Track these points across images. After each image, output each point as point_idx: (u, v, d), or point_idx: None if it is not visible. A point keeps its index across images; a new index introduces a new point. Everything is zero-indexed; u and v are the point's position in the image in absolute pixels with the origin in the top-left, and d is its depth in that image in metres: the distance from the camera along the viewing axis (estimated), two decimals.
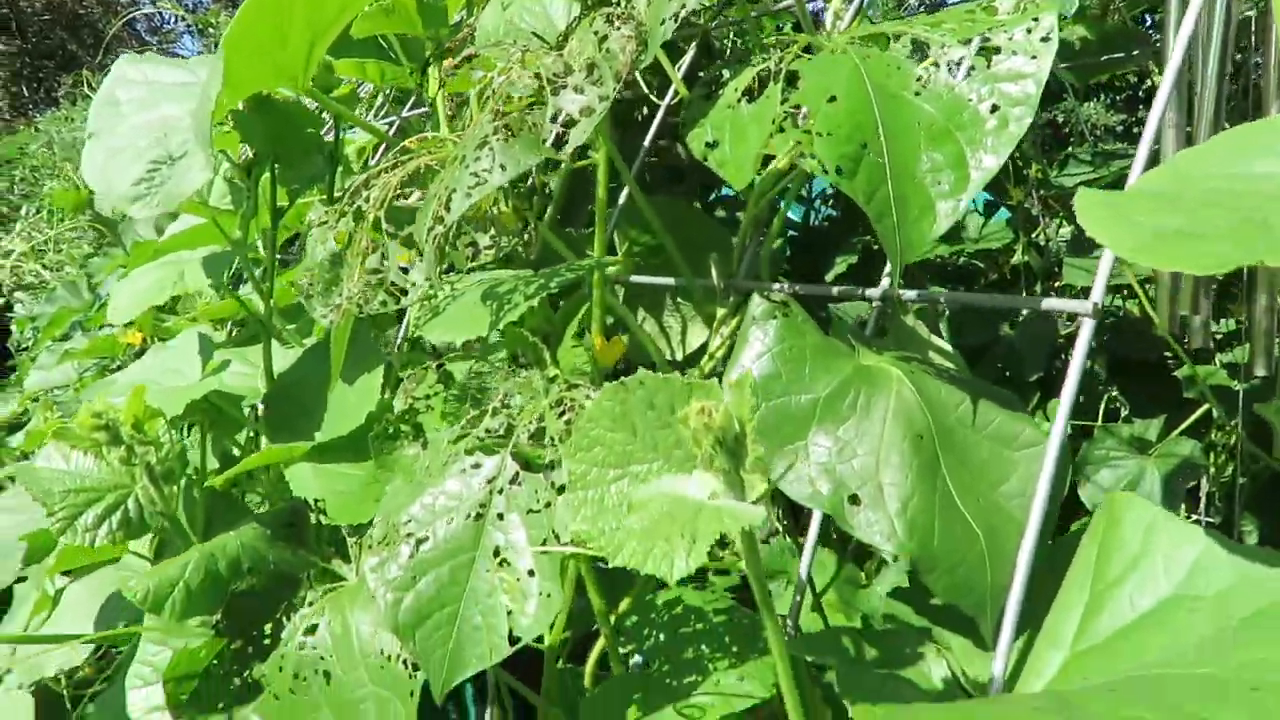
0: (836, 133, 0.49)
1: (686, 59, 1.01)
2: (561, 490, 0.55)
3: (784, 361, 0.58)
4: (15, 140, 4.65)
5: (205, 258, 0.95)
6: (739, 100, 0.56)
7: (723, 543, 0.47)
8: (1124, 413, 1.28)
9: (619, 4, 0.64)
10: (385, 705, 0.59)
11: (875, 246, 1.43)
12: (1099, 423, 1.25)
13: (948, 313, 1.34)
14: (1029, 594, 0.57)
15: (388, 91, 1.44)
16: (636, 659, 0.69)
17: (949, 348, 0.69)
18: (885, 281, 0.69)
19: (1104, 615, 0.55)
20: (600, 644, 0.78)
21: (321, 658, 0.62)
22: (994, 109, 0.50)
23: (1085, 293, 1.25)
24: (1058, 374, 1.37)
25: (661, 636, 0.68)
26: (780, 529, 0.92)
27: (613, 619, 0.71)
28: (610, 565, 0.43)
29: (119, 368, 1.79)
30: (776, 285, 0.68)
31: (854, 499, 0.54)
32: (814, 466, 0.56)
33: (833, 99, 0.50)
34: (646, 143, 0.93)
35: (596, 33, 0.58)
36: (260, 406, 0.97)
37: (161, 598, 0.57)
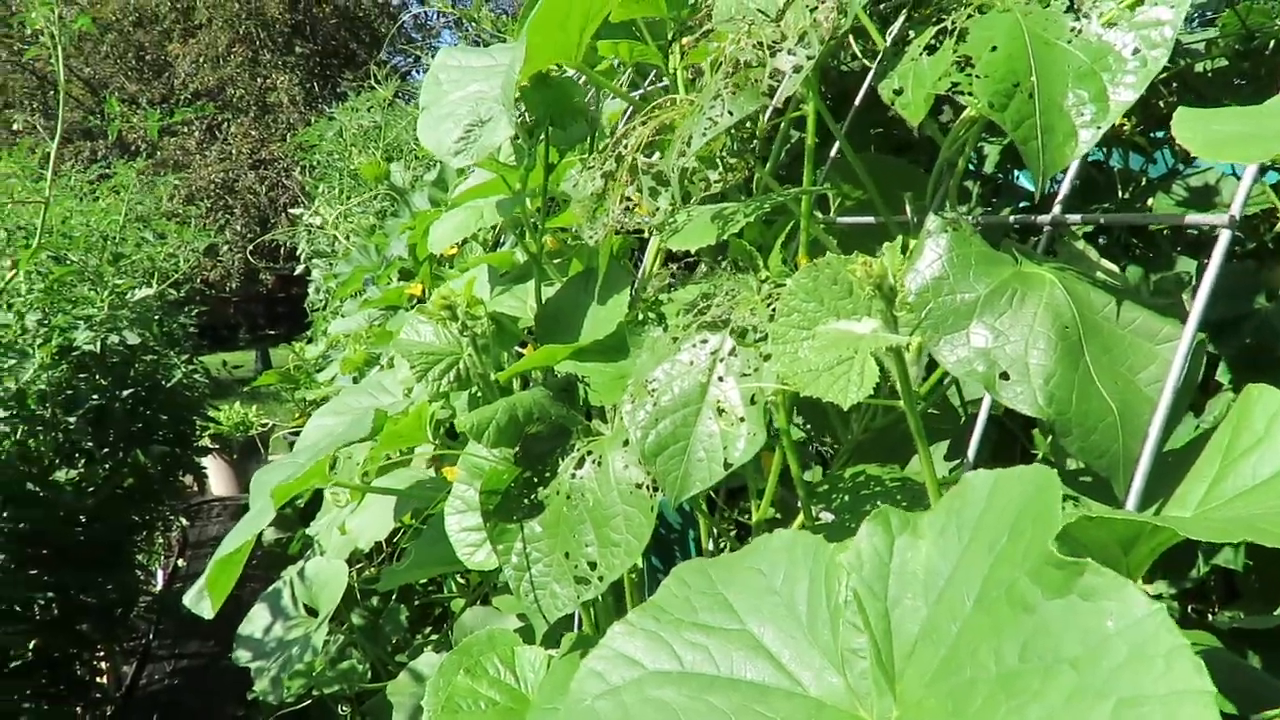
0: (993, 74, 0.62)
1: (896, 26, 1.14)
2: (768, 359, 0.72)
3: (952, 266, 0.71)
4: (314, 129, 5.42)
5: (498, 201, 1.21)
6: (920, 54, 0.70)
7: (883, 387, 0.62)
8: None
9: None
10: (632, 518, 0.79)
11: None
12: None
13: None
14: (1162, 471, 0.67)
15: (633, 68, 1.66)
16: (826, 516, 0.85)
17: (1114, 268, 0.79)
18: (1057, 209, 0.79)
19: (1228, 482, 0.64)
20: (797, 521, 0.94)
21: (586, 485, 0.83)
22: (1135, 51, 0.61)
23: None
24: None
25: (846, 498, 0.84)
26: None
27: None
28: (801, 395, 0.60)
29: (411, 306, 2.17)
30: (956, 213, 0.81)
31: (1004, 375, 0.67)
32: (973, 350, 0.69)
33: (994, 48, 0.63)
34: (858, 101, 1.07)
35: (808, 6, 0.74)
36: (533, 324, 1.22)
37: (482, 429, 0.81)
